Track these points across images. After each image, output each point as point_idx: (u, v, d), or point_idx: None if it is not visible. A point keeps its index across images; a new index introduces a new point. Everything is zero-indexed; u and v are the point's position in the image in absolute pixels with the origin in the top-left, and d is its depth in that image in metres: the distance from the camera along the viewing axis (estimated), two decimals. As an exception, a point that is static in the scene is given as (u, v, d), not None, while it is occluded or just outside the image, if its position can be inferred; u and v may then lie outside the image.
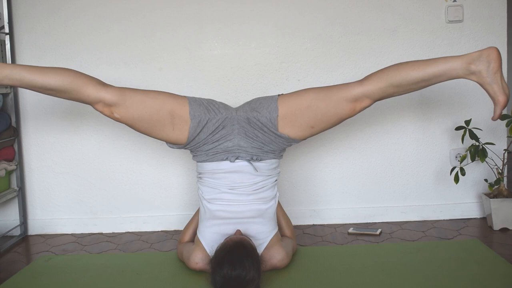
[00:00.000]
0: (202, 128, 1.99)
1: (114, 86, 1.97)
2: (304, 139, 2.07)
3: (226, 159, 2.02)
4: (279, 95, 2.05)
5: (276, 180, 2.13)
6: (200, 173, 2.11)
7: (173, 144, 2.07)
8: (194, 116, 1.98)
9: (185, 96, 2.05)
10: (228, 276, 1.67)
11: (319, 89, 2.01)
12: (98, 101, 1.93)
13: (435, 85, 2.66)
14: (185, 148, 2.08)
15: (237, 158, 2.02)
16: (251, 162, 2.02)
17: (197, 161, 2.10)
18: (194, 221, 2.28)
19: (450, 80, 2.66)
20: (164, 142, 2.12)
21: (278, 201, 2.23)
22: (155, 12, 2.66)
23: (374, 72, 1.96)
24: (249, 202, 2.03)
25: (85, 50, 2.68)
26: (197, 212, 2.28)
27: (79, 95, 1.92)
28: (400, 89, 1.92)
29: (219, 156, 2.03)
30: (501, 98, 1.82)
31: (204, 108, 2.01)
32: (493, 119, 1.86)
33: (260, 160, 2.04)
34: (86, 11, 2.66)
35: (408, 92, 1.95)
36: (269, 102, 2.02)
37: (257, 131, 2.01)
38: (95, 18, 2.66)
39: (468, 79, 1.87)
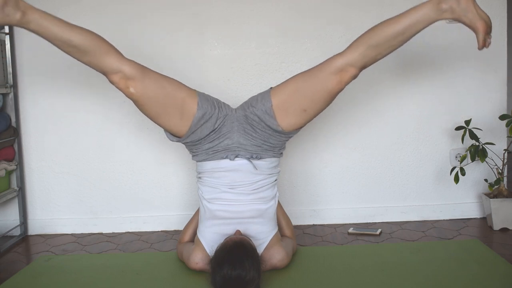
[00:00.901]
0: (205, 122, 1.99)
1: (135, 61, 1.95)
2: (301, 126, 2.05)
3: (226, 157, 2.02)
4: (271, 88, 2.06)
5: (276, 180, 2.13)
6: (199, 173, 2.11)
7: (174, 134, 2.04)
8: (201, 107, 1.98)
9: (194, 89, 2.05)
10: (228, 276, 1.67)
11: (304, 72, 2.02)
12: (118, 71, 1.88)
13: (435, 85, 2.67)
14: (183, 142, 2.06)
15: (236, 157, 2.02)
16: (251, 160, 2.02)
17: (197, 161, 2.10)
18: (194, 221, 2.28)
19: (450, 80, 2.67)
20: (163, 139, 2.11)
21: (278, 201, 2.23)
22: (155, 12, 2.66)
23: (353, 41, 1.96)
24: (249, 202, 2.03)
25: (85, 50, 2.68)
26: (197, 212, 2.28)
27: (100, 60, 1.88)
28: (380, 49, 1.89)
29: (218, 154, 2.03)
30: (479, 24, 1.80)
31: (210, 102, 2.02)
32: (479, 48, 1.83)
33: (260, 158, 2.04)
34: (86, 11, 2.66)
35: (391, 51, 1.92)
36: (262, 96, 2.03)
37: (256, 127, 2.01)
38: (95, 18, 2.66)
39: (444, 19, 1.85)
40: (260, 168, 2.04)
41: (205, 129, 2.00)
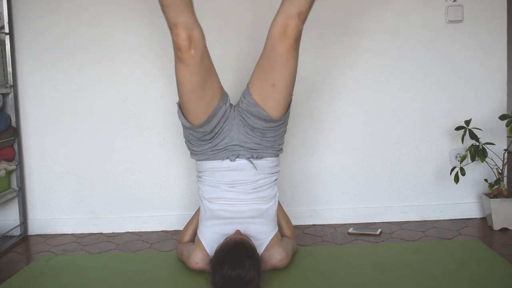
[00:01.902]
0: (217, 111, 2.00)
1: None
2: (284, 107, 2.00)
3: (227, 158, 2.03)
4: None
5: (276, 180, 2.14)
6: (199, 172, 2.12)
7: (191, 120, 2.00)
8: (221, 100, 2.01)
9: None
10: (228, 276, 1.67)
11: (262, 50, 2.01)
12: (194, 27, 1.85)
13: (435, 85, 2.67)
14: (195, 131, 2.02)
15: (237, 157, 2.03)
16: (251, 160, 2.03)
17: (197, 160, 2.11)
18: (194, 221, 2.28)
19: (450, 80, 2.68)
20: (163, 139, 2.10)
21: (279, 202, 2.24)
22: (155, 12, 2.66)
23: None
24: (250, 202, 2.04)
25: (85, 49, 2.68)
26: (197, 212, 2.28)
27: (179, 12, 1.84)
28: None
29: (219, 155, 2.04)
30: None
31: (226, 99, 2.06)
32: None
33: (261, 158, 2.05)
34: (86, 9, 2.65)
35: None
36: (244, 91, 2.05)
37: (251, 124, 2.02)
38: (95, 17, 2.66)
39: None
40: (261, 167, 2.05)
41: (214, 121, 2.00)
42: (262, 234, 2.03)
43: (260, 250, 1.98)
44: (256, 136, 2.03)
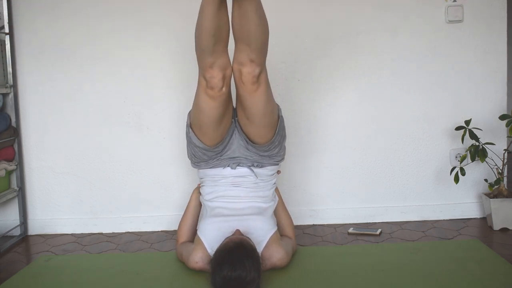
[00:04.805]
0: (229, 130, 2.07)
1: None
2: (266, 137, 2.04)
3: (228, 166, 2.11)
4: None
5: (274, 183, 2.22)
6: (201, 178, 2.21)
7: (206, 142, 2.04)
8: (233, 111, 2.08)
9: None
10: (228, 277, 1.67)
11: None
12: (228, 66, 1.88)
13: (435, 85, 2.67)
14: (209, 151, 2.07)
15: (238, 165, 2.11)
16: (252, 169, 2.11)
17: (198, 169, 2.19)
18: (187, 218, 2.29)
19: (450, 80, 2.67)
20: (163, 139, 2.10)
21: (282, 201, 2.28)
22: (155, 12, 2.66)
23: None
24: (249, 200, 2.09)
25: (85, 49, 2.68)
26: (188, 208, 2.30)
27: (218, 54, 1.85)
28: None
29: (221, 163, 2.12)
30: None
31: (233, 109, 2.11)
32: None
33: (261, 167, 2.13)
34: (86, 10, 2.66)
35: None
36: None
37: (247, 141, 2.08)
38: (95, 17, 2.66)
39: None
40: (261, 175, 2.13)
41: (227, 139, 2.07)
42: (261, 231, 2.04)
43: (260, 248, 1.99)
44: (254, 153, 2.10)
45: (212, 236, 2.01)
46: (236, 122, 2.09)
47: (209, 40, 1.80)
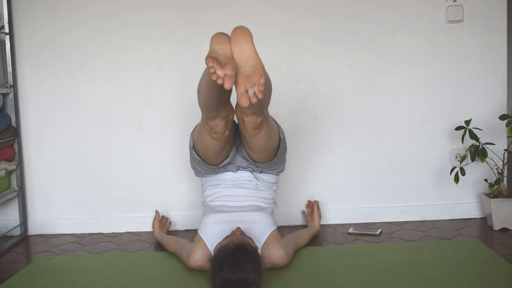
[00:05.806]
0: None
1: None
2: (268, 158, 2.10)
3: (228, 170, 2.18)
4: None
5: (275, 189, 2.30)
6: (203, 182, 2.29)
7: (210, 162, 2.11)
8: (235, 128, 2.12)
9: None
10: (229, 279, 1.67)
11: None
12: (231, 112, 1.91)
13: (435, 85, 2.67)
14: (214, 168, 2.16)
15: (238, 169, 2.18)
16: (253, 173, 2.18)
17: (201, 177, 2.28)
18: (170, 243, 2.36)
19: (450, 80, 2.68)
20: (163, 139, 2.11)
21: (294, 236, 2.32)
22: (155, 12, 2.66)
23: None
24: (250, 200, 2.16)
25: (85, 49, 2.68)
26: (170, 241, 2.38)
27: (227, 100, 1.87)
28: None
29: (222, 169, 2.19)
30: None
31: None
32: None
33: (261, 172, 2.20)
34: (86, 10, 2.66)
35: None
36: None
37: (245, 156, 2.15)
38: (95, 17, 2.66)
39: None
40: (261, 179, 2.20)
41: (231, 155, 2.14)
42: (261, 225, 2.07)
43: (259, 244, 2.00)
44: (254, 164, 2.16)
45: (212, 233, 2.02)
46: (238, 140, 2.14)
47: (211, 103, 1.83)
